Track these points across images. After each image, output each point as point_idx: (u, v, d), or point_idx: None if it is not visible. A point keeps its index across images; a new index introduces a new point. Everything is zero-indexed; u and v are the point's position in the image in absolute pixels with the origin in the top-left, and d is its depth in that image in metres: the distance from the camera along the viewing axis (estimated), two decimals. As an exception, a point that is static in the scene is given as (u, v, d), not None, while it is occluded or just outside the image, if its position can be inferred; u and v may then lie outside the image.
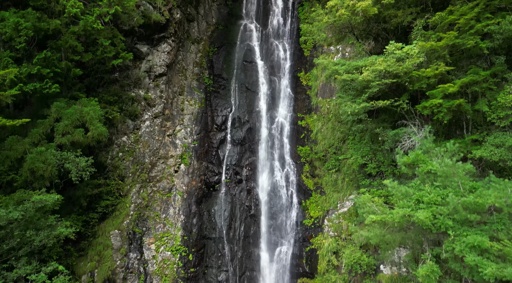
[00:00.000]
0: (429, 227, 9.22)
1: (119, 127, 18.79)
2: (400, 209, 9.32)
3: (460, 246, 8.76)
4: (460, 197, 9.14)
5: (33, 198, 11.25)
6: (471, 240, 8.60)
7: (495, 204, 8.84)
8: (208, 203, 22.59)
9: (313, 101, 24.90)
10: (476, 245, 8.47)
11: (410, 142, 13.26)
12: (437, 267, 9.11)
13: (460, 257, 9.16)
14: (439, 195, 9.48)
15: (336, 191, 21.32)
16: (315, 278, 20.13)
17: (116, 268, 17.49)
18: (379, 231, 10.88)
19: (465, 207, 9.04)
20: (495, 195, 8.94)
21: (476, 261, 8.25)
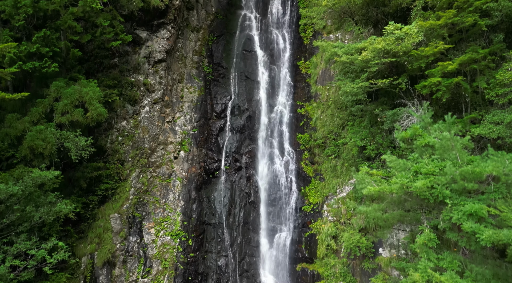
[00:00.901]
0: (427, 197, 9.27)
1: (118, 112, 18.82)
2: (398, 179, 9.36)
3: (458, 215, 8.81)
4: (458, 168, 9.18)
5: (33, 174, 11.28)
6: (469, 208, 8.64)
7: (492, 173, 8.87)
8: (207, 190, 22.64)
9: (313, 89, 24.92)
10: (473, 212, 8.51)
11: (409, 121, 13.29)
12: (434, 236, 9.16)
13: (458, 226, 9.21)
14: (437, 166, 9.52)
15: (335, 177, 21.38)
16: (315, 263, 20.22)
17: (116, 251, 17.56)
18: (377, 206, 10.92)
19: (463, 177, 9.08)
20: (493, 165, 8.98)
21: (473, 228, 8.29)
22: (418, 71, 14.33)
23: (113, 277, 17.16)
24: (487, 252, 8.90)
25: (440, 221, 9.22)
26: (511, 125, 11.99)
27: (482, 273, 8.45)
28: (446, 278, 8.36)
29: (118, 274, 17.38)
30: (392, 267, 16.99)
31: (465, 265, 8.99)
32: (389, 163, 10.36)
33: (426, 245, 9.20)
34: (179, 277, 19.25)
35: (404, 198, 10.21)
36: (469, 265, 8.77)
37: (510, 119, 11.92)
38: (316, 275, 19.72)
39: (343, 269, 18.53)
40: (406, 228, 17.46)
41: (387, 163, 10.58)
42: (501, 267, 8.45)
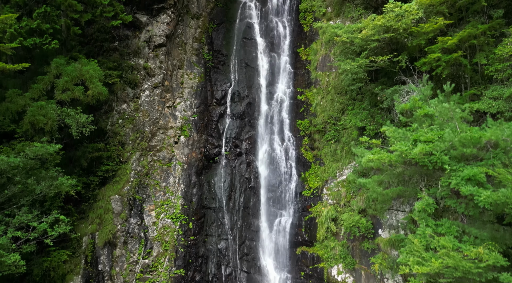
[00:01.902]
0: (426, 164, 9.33)
1: (119, 94, 18.86)
2: (397, 146, 9.42)
3: (456, 180, 8.87)
4: (457, 135, 9.24)
5: (34, 147, 11.33)
6: (467, 172, 8.71)
7: (491, 138, 8.93)
8: (208, 175, 22.72)
9: (313, 75, 24.93)
10: (471, 176, 8.57)
11: (409, 98, 13.32)
12: (433, 201, 9.23)
13: (456, 192, 9.28)
14: (436, 134, 9.57)
15: (335, 161, 21.43)
16: (314, 246, 20.32)
17: (116, 232, 17.65)
18: (376, 177, 10.99)
19: (462, 143, 9.14)
20: (491, 131, 9.04)
21: (472, 191, 8.36)
22: (418, 50, 14.38)
23: (114, 257, 17.27)
24: (486, 217, 8.96)
25: (438, 187, 9.28)
26: (510, 99, 12.03)
27: (480, 236, 8.53)
28: (445, 240, 8.44)
29: (119, 254, 17.48)
30: (391, 247, 17.09)
31: (463, 231, 9.06)
32: (389, 133, 10.41)
33: (425, 211, 9.27)
34: (180, 260, 19.36)
35: (403, 168, 10.27)
36: (468, 229, 8.84)
37: (510, 93, 11.96)
38: (316, 257, 19.82)
39: (342, 251, 18.63)
40: (405, 209, 17.55)
41: (386, 134, 10.63)
42: (499, 231, 8.52)
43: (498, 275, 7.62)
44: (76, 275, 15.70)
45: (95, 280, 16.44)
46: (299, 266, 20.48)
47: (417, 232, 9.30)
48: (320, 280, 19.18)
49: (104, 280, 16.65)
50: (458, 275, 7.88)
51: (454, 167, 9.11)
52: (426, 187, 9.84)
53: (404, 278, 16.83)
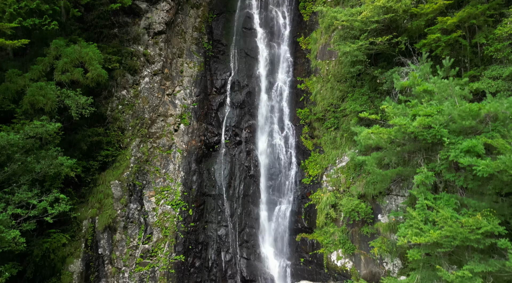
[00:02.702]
0: (425, 137, 9.34)
1: (118, 80, 18.86)
2: (397, 120, 9.43)
3: (455, 152, 8.88)
4: (456, 108, 9.24)
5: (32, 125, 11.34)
6: (466, 144, 8.72)
7: (490, 111, 8.94)
8: (207, 163, 22.75)
9: (312, 64, 24.91)
10: (470, 148, 8.59)
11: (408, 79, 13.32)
12: (432, 174, 9.24)
13: (455, 164, 9.30)
14: (435, 109, 9.58)
15: (334, 148, 21.45)
16: (314, 232, 20.36)
17: (116, 217, 17.69)
18: (376, 154, 11.00)
19: (461, 116, 9.14)
20: (490, 104, 9.05)
21: (471, 161, 8.37)
22: (418, 32, 14.35)
23: (114, 242, 17.32)
24: (484, 189, 8.98)
25: (437, 160, 9.30)
26: (509, 78, 12.03)
27: (478, 207, 8.54)
28: (444, 211, 8.46)
29: (119, 239, 17.53)
30: (391, 232, 17.13)
31: (462, 204, 9.07)
32: (388, 110, 10.42)
33: (424, 184, 9.29)
34: (180, 246, 19.41)
35: (402, 143, 10.29)
36: (466, 200, 8.86)
37: (509, 72, 11.95)
38: (316, 244, 19.87)
39: (342, 237, 18.67)
40: (405, 194, 17.59)
41: (386, 110, 10.63)
42: (498, 202, 8.54)
43: (496, 241, 7.65)
44: (76, 258, 15.75)
45: (95, 263, 16.49)
46: (298, 253, 20.53)
47: (416, 205, 9.32)
48: (320, 265, 19.23)
49: (104, 264, 16.71)
50: (456, 244, 7.90)
51: (453, 140, 9.12)
52: (425, 162, 9.85)
53: (403, 261, 16.89)
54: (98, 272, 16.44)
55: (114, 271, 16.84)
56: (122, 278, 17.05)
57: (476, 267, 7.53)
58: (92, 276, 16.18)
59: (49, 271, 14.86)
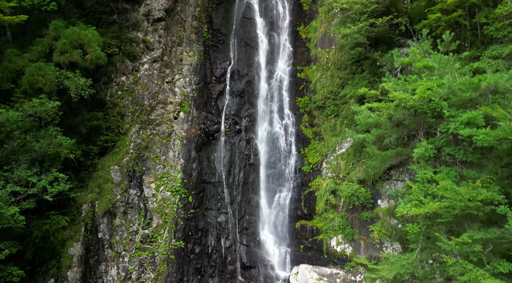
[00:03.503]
0: (425, 111, 9.32)
1: (118, 66, 18.82)
2: (397, 94, 9.40)
3: (455, 125, 8.86)
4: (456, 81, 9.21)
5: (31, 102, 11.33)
6: (465, 117, 8.70)
7: (490, 83, 8.91)
8: (207, 151, 22.73)
9: (312, 53, 24.86)
10: (470, 119, 8.56)
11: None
12: (432, 146, 9.22)
13: (455, 137, 9.28)
14: (435, 83, 9.54)
15: (334, 135, 21.44)
16: (314, 219, 20.37)
17: (116, 202, 17.69)
18: (375, 130, 10.98)
19: (461, 89, 9.12)
20: (491, 77, 9.02)
21: (471, 132, 8.35)
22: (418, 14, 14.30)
23: (113, 227, 17.32)
24: (484, 162, 8.96)
25: (437, 133, 9.27)
26: (509, 57, 12.00)
27: (478, 178, 8.53)
28: (444, 184, 8.44)
29: (119, 224, 17.54)
30: (390, 216, 17.13)
31: (461, 176, 9.06)
32: (388, 87, 10.38)
33: (423, 157, 9.27)
34: (179, 232, 19.43)
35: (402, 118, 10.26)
36: (466, 172, 8.84)
37: (509, 51, 11.92)
38: (315, 230, 19.88)
39: (342, 222, 18.68)
40: (404, 178, 17.57)
41: (386, 88, 10.60)
42: (497, 173, 8.53)
43: (495, 208, 7.63)
44: (76, 241, 15.76)
45: (95, 247, 16.51)
46: (298, 239, 20.55)
47: (415, 178, 9.31)
48: (320, 251, 19.25)
49: (104, 248, 16.72)
50: (456, 213, 7.89)
51: (453, 113, 9.10)
52: (424, 136, 9.83)
53: (402, 245, 16.89)
54: (98, 256, 16.46)
55: (114, 255, 16.86)
56: (122, 262, 17.07)
57: (475, 235, 7.52)
58: (92, 260, 16.20)
59: (49, 254, 14.87)
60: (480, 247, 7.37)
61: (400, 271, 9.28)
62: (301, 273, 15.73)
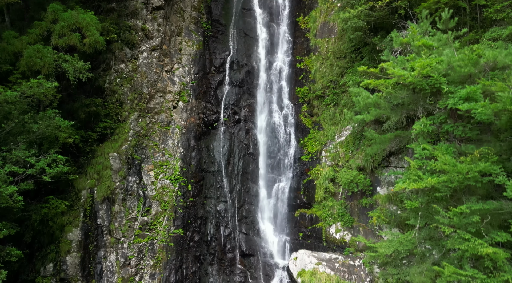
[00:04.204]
0: (424, 87, 9.28)
1: (116, 53, 18.77)
2: (396, 70, 9.36)
3: (454, 100, 8.83)
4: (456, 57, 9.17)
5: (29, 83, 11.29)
6: (464, 92, 8.67)
7: (489, 58, 8.88)
8: (207, 140, 22.70)
9: (312, 42, 24.82)
10: (469, 94, 8.53)
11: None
12: (430, 122, 9.20)
13: (453, 113, 9.25)
14: (434, 60, 9.50)
15: (334, 124, 21.42)
16: (313, 207, 20.37)
17: (115, 189, 17.68)
18: (374, 111, 10.95)
19: (460, 65, 9.08)
20: (490, 52, 8.99)
21: (469, 106, 8.33)
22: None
23: (112, 213, 17.31)
24: (483, 137, 8.94)
25: (436, 110, 9.24)
26: (509, 38, 11.94)
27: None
28: (443, 158, 8.42)
29: (118, 210, 17.53)
30: (390, 203, 17.11)
31: (460, 152, 9.03)
32: (387, 66, 10.34)
33: (422, 134, 9.24)
34: (179, 220, 19.43)
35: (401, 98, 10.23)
36: (464, 147, 8.82)
37: (509, 32, 11.86)
38: (314, 218, 19.88)
39: (341, 210, 18.67)
40: (404, 165, 17.55)
41: (385, 67, 10.55)
42: (496, 146, 8.50)
43: (493, 179, 7.61)
44: (75, 227, 15.75)
45: (94, 233, 16.50)
46: (297, 228, 20.55)
47: (414, 155, 9.28)
48: (319, 239, 19.25)
49: (103, 234, 16.71)
50: (454, 186, 7.87)
51: (452, 89, 9.07)
52: (423, 113, 9.80)
53: (401, 231, 16.88)
54: (97, 242, 16.46)
55: (113, 241, 16.86)
56: (121, 248, 17.07)
57: (474, 206, 7.50)
58: (91, 246, 16.20)
59: (48, 238, 14.87)
60: (478, 218, 7.35)
61: (398, 248, 9.26)
62: (300, 258, 15.74)
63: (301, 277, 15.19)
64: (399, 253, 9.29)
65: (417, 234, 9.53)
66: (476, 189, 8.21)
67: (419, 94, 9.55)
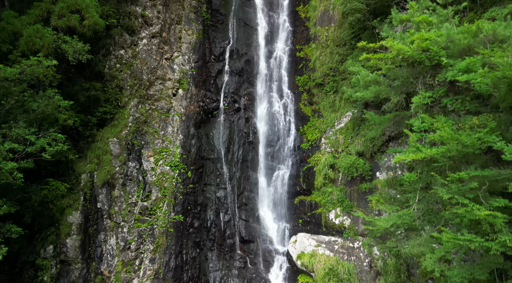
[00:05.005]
0: (423, 60, 9.29)
1: (116, 39, 18.76)
2: (394, 43, 9.36)
3: (453, 72, 8.84)
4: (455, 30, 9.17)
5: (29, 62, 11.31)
6: (463, 64, 8.68)
7: (489, 31, 8.88)
8: (206, 128, 22.71)
9: (312, 31, 24.81)
10: (468, 66, 8.54)
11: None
12: (430, 94, 9.21)
13: (452, 86, 9.26)
14: (434, 34, 9.50)
15: (333, 111, 21.44)
16: (312, 194, 20.41)
17: (115, 174, 17.71)
18: (373, 88, 10.96)
19: (459, 38, 9.08)
20: (488, 25, 8.99)
21: (468, 77, 8.34)
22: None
23: (112, 198, 17.35)
24: (482, 109, 8.96)
25: (434, 82, 9.25)
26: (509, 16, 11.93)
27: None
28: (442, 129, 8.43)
29: (118, 195, 17.57)
30: (389, 187, 17.15)
31: (459, 125, 9.05)
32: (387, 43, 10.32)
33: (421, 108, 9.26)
34: (178, 206, 19.46)
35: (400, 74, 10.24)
36: (463, 118, 8.85)
37: (508, 11, 11.84)
38: (314, 204, 19.93)
39: (340, 195, 18.72)
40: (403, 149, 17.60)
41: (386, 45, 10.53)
42: (495, 118, 8.52)
43: (492, 145, 7.63)
44: (75, 210, 15.79)
45: (94, 217, 16.54)
46: (297, 214, 20.60)
47: (413, 128, 9.30)
48: (318, 225, 19.31)
49: (103, 218, 16.76)
50: (452, 154, 7.89)
51: (452, 62, 9.08)
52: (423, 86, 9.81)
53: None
54: (97, 225, 16.50)
55: (113, 225, 16.91)
56: (121, 232, 17.12)
57: (472, 172, 7.53)
58: (91, 229, 16.25)
59: (48, 221, 14.91)
60: (476, 184, 7.37)
61: (397, 221, 9.29)
62: (299, 241, 15.78)
63: (300, 259, 15.25)
64: (397, 226, 9.33)
65: (415, 208, 9.56)
66: (475, 160, 8.23)
67: (418, 68, 9.56)
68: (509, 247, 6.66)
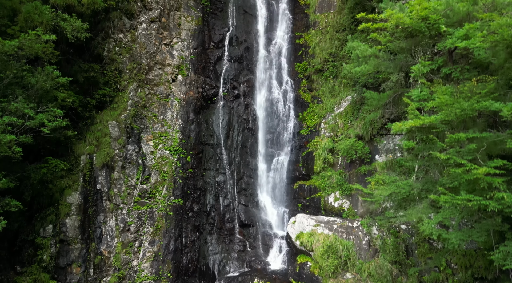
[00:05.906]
0: (422, 30, 9.27)
1: (115, 23, 18.71)
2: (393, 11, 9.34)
3: (452, 40, 8.83)
4: (453, 0, 9.15)
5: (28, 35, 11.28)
6: (463, 30, 8.67)
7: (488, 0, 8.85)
8: (206, 114, 22.71)
9: (311, 18, 24.76)
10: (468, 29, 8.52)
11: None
12: (429, 63, 9.20)
13: (451, 56, 9.25)
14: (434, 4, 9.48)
15: (333, 96, 21.43)
16: (311, 179, 20.43)
17: (114, 156, 17.71)
18: (373, 61, 10.95)
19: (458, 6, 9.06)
20: (488, -6, 8.96)
21: (467, 43, 8.33)
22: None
23: (112, 180, 17.36)
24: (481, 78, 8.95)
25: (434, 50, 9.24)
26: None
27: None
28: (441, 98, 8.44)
29: (117, 177, 17.58)
30: (388, 169, 17.17)
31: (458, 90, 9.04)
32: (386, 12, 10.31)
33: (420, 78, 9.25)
34: (178, 190, 19.49)
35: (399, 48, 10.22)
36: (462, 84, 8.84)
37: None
38: (313, 188, 19.96)
39: (339, 179, 18.74)
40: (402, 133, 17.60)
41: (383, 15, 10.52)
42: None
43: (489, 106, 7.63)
44: (74, 191, 15.81)
45: (93, 198, 16.56)
46: (296, 199, 20.65)
47: (412, 97, 9.30)
48: (317, 208, 19.35)
49: (102, 199, 16.78)
50: (451, 118, 7.90)
51: (451, 30, 9.07)
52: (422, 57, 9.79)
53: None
54: (97, 207, 16.52)
55: (113, 207, 16.93)
56: (120, 214, 17.14)
57: (470, 135, 7.53)
58: (90, 210, 16.27)
59: (47, 200, 14.92)
60: (475, 146, 7.38)
61: (395, 190, 9.31)
62: (298, 221, 15.82)
63: (299, 239, 15.28)
64: (396, 195, 9.34)
65: (414, 178, 9.57)
66: (473, 125, 8.24)
67: (417, 38, 9.55)
68: (507, 205, 6.68)
